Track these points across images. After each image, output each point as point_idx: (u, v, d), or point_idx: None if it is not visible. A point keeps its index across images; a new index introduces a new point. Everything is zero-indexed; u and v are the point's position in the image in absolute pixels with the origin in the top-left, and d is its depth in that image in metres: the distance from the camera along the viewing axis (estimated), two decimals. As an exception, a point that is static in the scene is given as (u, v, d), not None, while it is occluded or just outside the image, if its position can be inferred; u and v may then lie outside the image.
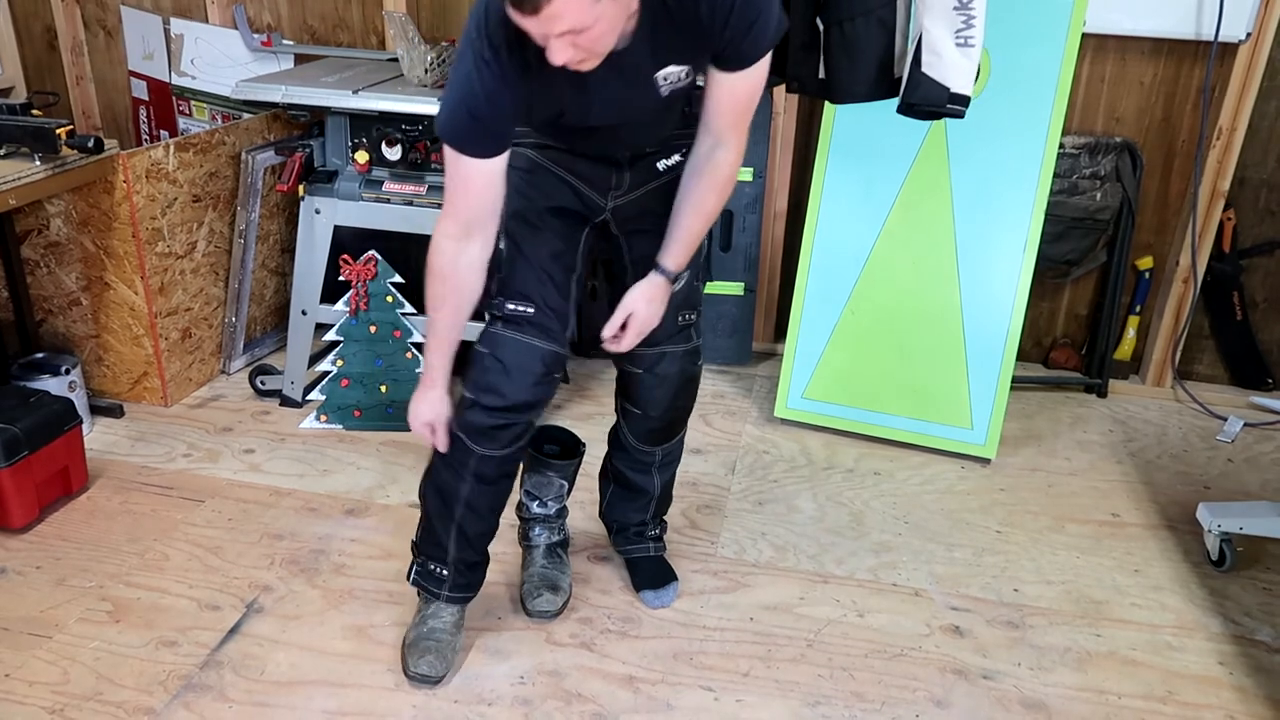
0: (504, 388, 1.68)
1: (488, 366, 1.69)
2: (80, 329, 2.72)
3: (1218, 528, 2.20)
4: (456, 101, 1.47)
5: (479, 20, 1.43)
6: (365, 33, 3.19)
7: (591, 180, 1.71)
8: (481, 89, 1.44)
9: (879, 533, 2.32)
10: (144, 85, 3.41)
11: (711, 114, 1.58)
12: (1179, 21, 2.68)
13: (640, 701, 1.81)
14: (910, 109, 2.09)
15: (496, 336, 1.70)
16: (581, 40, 1.32)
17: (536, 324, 1.69)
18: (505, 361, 1.68)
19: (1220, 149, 2.76)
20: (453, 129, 1.49)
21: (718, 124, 1.59)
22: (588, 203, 1.73)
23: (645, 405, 1.89)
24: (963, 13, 2.00)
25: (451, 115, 1.49)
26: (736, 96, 1.56)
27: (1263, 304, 2.99)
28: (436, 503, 1.80)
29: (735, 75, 1.53)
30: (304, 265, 2.66)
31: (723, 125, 1.59)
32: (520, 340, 1.69)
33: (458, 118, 1.48)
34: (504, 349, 1.69)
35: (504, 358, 1.68)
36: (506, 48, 1.41)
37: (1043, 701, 1.84)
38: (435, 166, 2.55)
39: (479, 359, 1.70)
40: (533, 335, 1.69)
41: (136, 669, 1.84)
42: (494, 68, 1.43)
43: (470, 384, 1.69)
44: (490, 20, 1.41)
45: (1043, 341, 3.17)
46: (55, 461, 2.27)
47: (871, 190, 2.64)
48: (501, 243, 1.66)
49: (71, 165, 2.34)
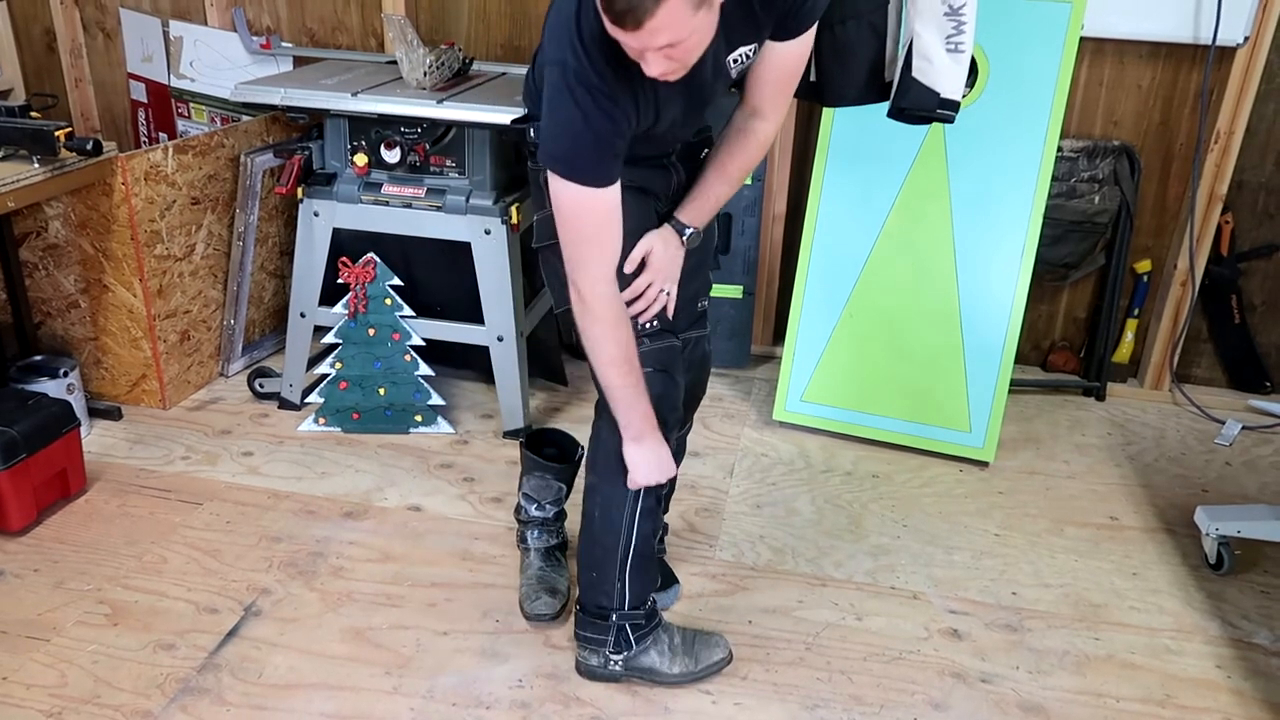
0: (673, 393, 1.71)
1: (654, 380, 1.67)
2: (79, 331, 2.72)
3: (1215, 531, 2.20)
4: (575, 137, 1.46)
5: (572, 44, 1.42)
6: (364, 35, 3.19)
7: (659, 191, 1.75)
8: (598, 112, 1.43)
9: (877, 536, 2.32)
10: (143, 88, 3.41)
11: (757, 84, 1.62)
12: (1177, 25, 2.68)
13: (638, 705, 1.81)
14: (900, 114, 2.10)
15: (645, 354, 1.67)
16: (677, 52, 1.34)
17: (665, 329, 1.72)
18: (666, 368, 1.69)
19: (1218, 152, 2.77)
20: (582, 163, 1.48)
21: (761, 94, 1.64)
22: (659, 213, 1.77)
23: None
24: (953, 19, 2.01)
25: (574, 150, 1.47)
26: (786, 64, 1.61)
27: (1261, 307, 2.99)
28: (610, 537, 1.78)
29: (787, 43, 1.57)
30: (303, 268, 2.66)
31: (766, 95, 1.64)
32: (666, 345, 1.71)
33: (582, 152, 1.47)
34: (657, 357, 1.69)
35: (663, 365, 1.69)
36: (610, 65, 1.42)
37: (1041, 705, 1.84)
38: (434, 169, 2.55)
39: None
40: (668, 339, 1.72)
41: (134, 672, 1.84)
42: (603, 88, 1.43)
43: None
44: (586, 41, 1.41)
45: (1041, 345, 3.17)
46: (53, 464, 2.26)
47: (870, 193, 2.64)
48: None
49: (70, 167, 2.34)
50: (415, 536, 2.26)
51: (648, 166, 1.71)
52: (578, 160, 1.48)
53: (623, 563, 1.78)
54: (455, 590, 2.09)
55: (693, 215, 1.74)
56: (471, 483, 2.47)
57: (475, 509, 2.37)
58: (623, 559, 1.77)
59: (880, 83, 2.08)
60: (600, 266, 1.55)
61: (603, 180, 1.49)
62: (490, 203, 2.51)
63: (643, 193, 1.71)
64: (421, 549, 2.21)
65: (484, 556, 2.20)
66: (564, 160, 1.48)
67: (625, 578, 1.78)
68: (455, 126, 2.51)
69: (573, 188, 1.49)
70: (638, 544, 1.77)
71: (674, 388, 1.72)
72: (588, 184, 1.49)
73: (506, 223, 2.50)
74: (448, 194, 2.53)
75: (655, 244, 1.72)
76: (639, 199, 1.70)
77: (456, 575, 2.13)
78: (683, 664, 1.83)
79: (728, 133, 1.71)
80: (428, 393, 2.66)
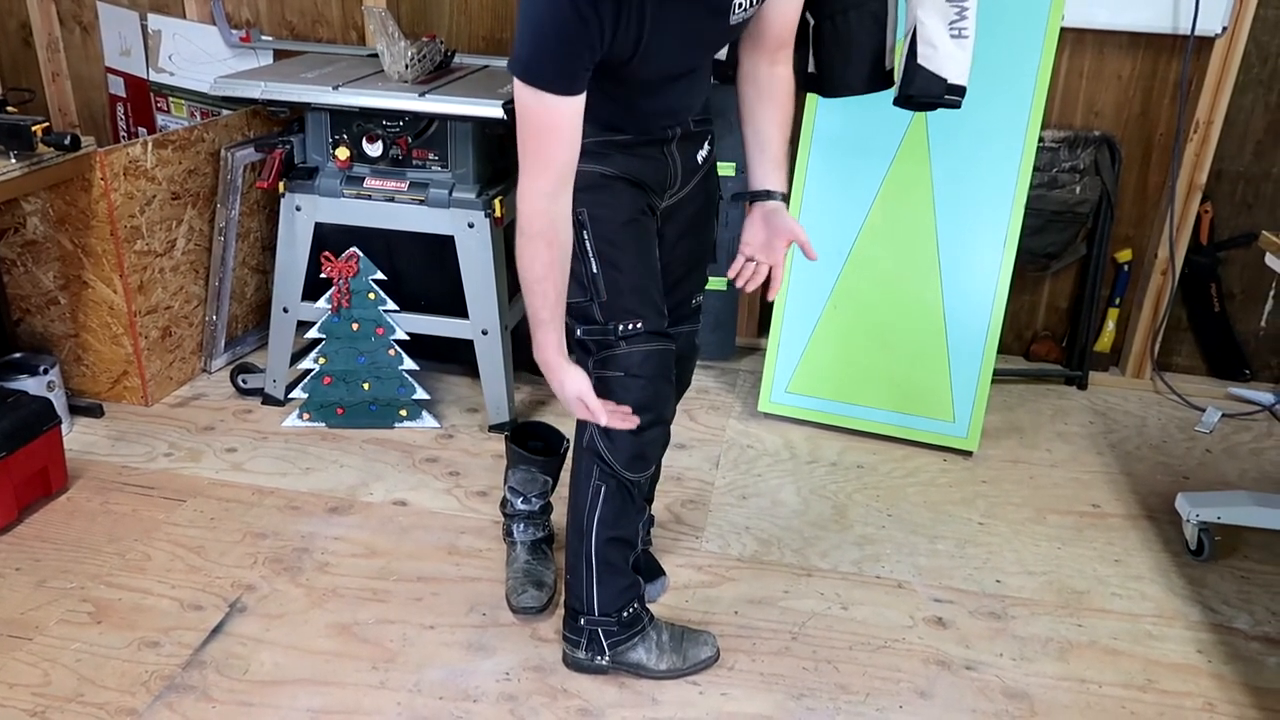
0: (654, 402, 1.67)
1: (630, 385, 1.64)
2: (59, 328, 2.69)
3: (1196, 517, 2.22)
4: (538, 36, 1.41)
5: None
6: (345, 28, 3.17)
7: (652, 183, 1.71)
8: (567, 13, 1.38)
9: (862, 526, 2.33)
10: (121, 82, 3.38)
11: (766, 34, 1.66)
12: (1156, 16, 2.70)
13: (625, 696, 1.81)
14: (907, 101, 2.11)
15: (624, 356, 1.64)
16: None
17: (652, 332, 1.66)
18: (645, 375, 1.65)
19: (1197, 142, 2.79)
20: (540, 66, 1.42)
21: (773, 43, 1.68)
22: (653, 206, 1.74)
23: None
24: (956, 4, 2.02)
25: (535, 51, 1.42)
26: (789, 13, 1.66)
27: (1240, 295, 3.02)
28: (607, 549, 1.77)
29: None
30: (285, 262, 2.65)
31: (777, 44, 1.68)
32: (650, 349, 1.66)
33: (544, 52, 1.42)
34: (641, 364, 1.65)
35: (644, 372, 1.65)
36: None
37: (1025, 691, 1.86)
38: (417, 163, 2.54)
39: (613, 383, 1.64)
40: (655, 342, 1.66)
41: (119, 670, 1.83)
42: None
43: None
44: None
45: (1023, 334, 3.19)
46: (34, 462, 2.25)
47: (853, 185, 2.64)
48: (595, 267, 1.63)
49: (48, 163, 2.31)
50: (401, 531, 2.25)
51: (645, 153, 1.67)
52: (541, 60, 1.42)
53: (588, 568, 1.78)
54: (441, 584, 2.09)
55: (781, 178, 1.75)
56: (457, 477, 2.47)
57: (461, 503, 2.36)
58: (588, 565, 1.78)
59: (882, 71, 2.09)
60: (540, 180, 1.49)
61: (561, 87, 1.43)
62: (473, 196, 2.51)
63: (635, 186, 1.68)
64: (407, 543, 2.21)
65: (470, 550, 2.19)
66: (528, 58, 1.43)
67: (594, 584, 1.78)
68: (438, 119, 2.49)
69: (529, 91, 1.44)
70: (598, 550, 1.76)
71: (645, 394, 1.65)
72: (544, 89, 1.43)
73: (490, 216, 2.49)
74: (430, 187, 2.52)
75: (793, 228, 1.72)
76: (631, 192, 1.67)
77: (442, 569, 2.13)
78: (670, 660, 1.84)
79: (758, 88, 1.71)
80: (412, 387, 2.65)
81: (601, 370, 1.66)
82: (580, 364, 1.65)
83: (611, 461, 1.69)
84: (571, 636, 1.84)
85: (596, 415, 1.61)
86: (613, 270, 1.64)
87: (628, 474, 1.71)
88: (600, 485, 1.72)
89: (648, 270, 1.70)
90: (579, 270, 1.62)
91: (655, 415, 1.69)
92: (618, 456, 1.69)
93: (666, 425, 1.74)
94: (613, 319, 1.64)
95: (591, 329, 1.65)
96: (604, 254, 1.64)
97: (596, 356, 1.66)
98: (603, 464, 1.70)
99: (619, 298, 1.64)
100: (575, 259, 1.61)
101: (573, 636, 1.84)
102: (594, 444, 1.70)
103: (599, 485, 1.72)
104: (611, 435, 1.67)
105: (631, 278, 1.66)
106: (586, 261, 1.63)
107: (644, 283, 1.68)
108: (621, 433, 1.66)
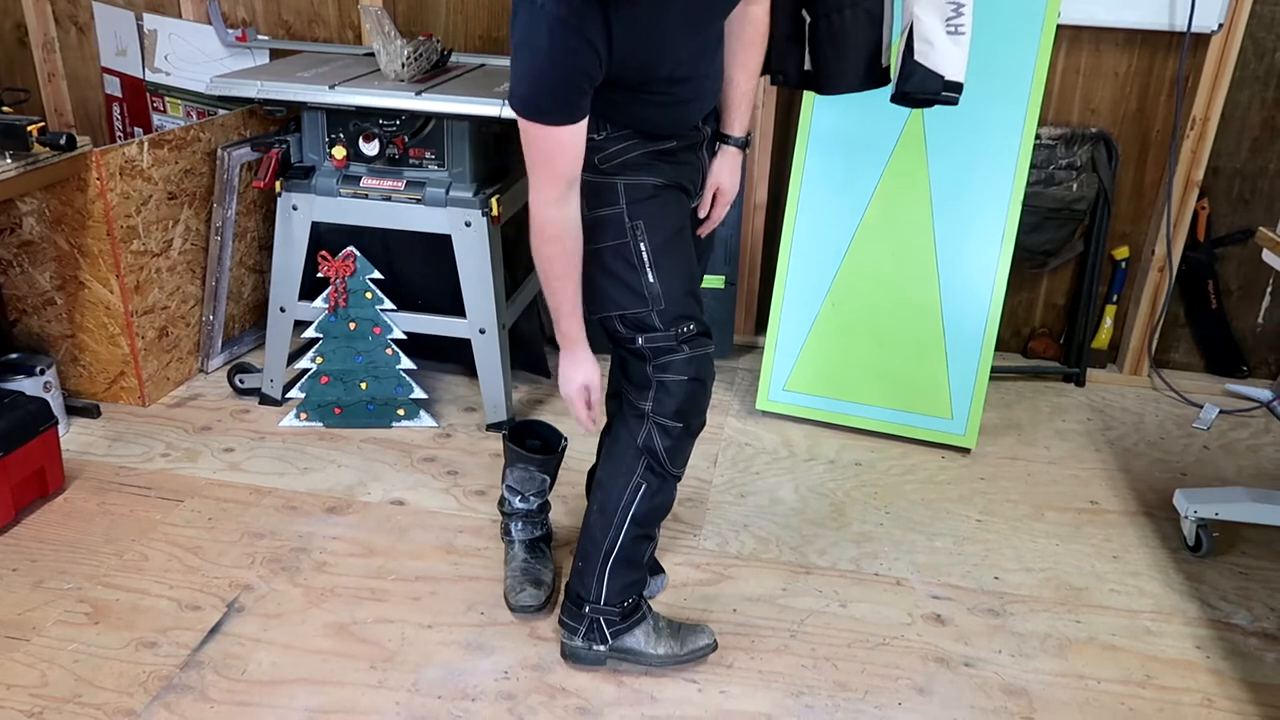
0: (705, 404, 1.74)
1: (692, 391, 1.69)
2: (55, 329, 2.69)
3: (1194, 514, 2.23)
4: (534, 70, 1.43)
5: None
6: (341, 27, 3.17)
7: (692, 189, 1.76)
8: (561, 47, 1.40)
9: (860, 523, 2.33)
10: (117, 82, 3.37)
11: None
12: (1152, 13, 2.70)
13: (624, 694, 1.81)
14: (904, 98, 2.11)
15: (684, 361, 1.68)
16: None
17: (704, 334, 1.71)
18: (701, 377, 1.70)
19: (1194, 139, 2.79)
20: (540, 101, 1.45)
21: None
22: (691, 211, 1.78)
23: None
24: (952, 1, 2.02)
25: (533, 88, 1.45)
26: None
27: (1237, 292, 3.02)
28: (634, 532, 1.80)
29: None
30: (282, 262, 2.64)
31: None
32: (704, 354, 1.71)
33: (542, 88, 1.44)
34: (700, 368, 1.69)
35: (701, 374, 1.70)
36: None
37: (1024, 688, 1.86)
38: (413, 162, 2.54)
39: (674, 387, 1.68)
40: (706, 344, 1.71)
41: (116, 670, 1.82)
42: (572, 20, 1.39)
43: (673, 413, 1.69)
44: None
45: (1021, 331, 3.19)
46: (31, 463, 2.24)
47: (850, 182, 2.64)
48: (651, 276, 1.66)
49: (44, 163, 2.31)
50: (399, 530, 2.25)
51: (685, 159, 1.72)
52: (535, 98, 1.45)
53: (605, 559, 1.79)
54: (439, 583, 2.08)
55: (742, 121, 1.79)
56: (455, 476, 2.47)
57: (459, 502, 2.36)
58: (606, 555, 1.79)
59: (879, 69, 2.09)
60: (552, 189, 1.54)
61: (562, 119, 1.47)
62: (470, 195, 2.50)
63: (681, 192, 1.72)
64: (405, 543, 2.21)
65: (468, 549, 2.19)
66: (529, 95, 1.46)
67: (606, 575, 1.80)
68: (434, 118, 2.49)
69: (531, 123, 1.47)
70: (624, 545, 1.78)
71: (702, 396, 1.72)
72: (545, 123, 1.47)
73: (487, 214, 2.49)
74: (427, 186, 2.52)
75: (723, 179, 1.79)
76: (679, 200, 1.72)
77: (440, 568, 2.13)
78: (668, 646, 1.84)
79: (733, 29, 1.72)
80: (410, 386, 2.65)
81: (661, 375, 1.69)
82: (637, 370, 1.70)
83: (665, 460, 1.73)
84: (570, 624, 1.84)
85: (593, 412, 1.72)
86: (667, 278, 1.67)
87: (674, 471, 1.76)
88: (642, 483, 1.75)
89: (693, 273, 1.76)
90: (635, 281, 1.65)
91: (703, 417, 1.76)
92: (671, 456, 1.73)
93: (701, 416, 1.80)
94: (671, 325, 1.67)
95: (653, 336, 1.67)
96: (659, 264, 1.67)
97: (655, 362, 1.69)
98: (656, 462, 1.73)
99: (675, 304, 1.68)
100: (630, 270, 1.65)
101: (571, 623, 1.84)
102: (650, 442, 1.72)
103: (640, 482, 1.75)
104: (670, 434, 1.71)
105: (683, 283, 1.70)
106: (644, 272, 1.65)
107: (692, 285, 1.74)
108: (678, 434, 1.71)
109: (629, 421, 1.74)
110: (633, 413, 1.73)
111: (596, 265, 1.66)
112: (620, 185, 1.65)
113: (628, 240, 1.65)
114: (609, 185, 1.64)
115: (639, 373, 1.71)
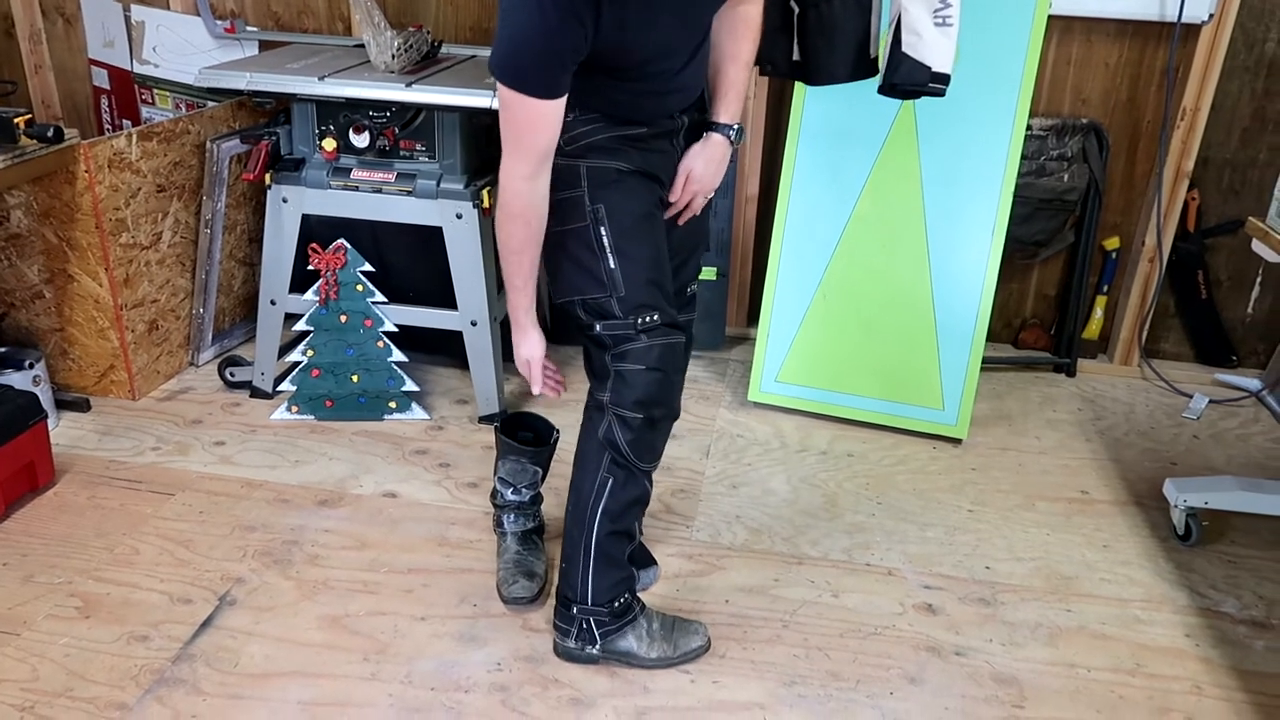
0: (668, 396, 1.71)
1: (649, 380, 1.65)
2: (44, 322, 2.68)
3: (1184, 503, 2.24)
4: (518, 40, 1.43)
5: None
6: (331, 19, 3.15)
7: (663, 177, 1.74)
8: (547, 23, 1.40)
9: (852, 514, 2.34)
10: (105, 73, 3.35)
11: None
12: (1143, 3, 2.70)
13: (617, 685, 1.81)
14: (892, 89, 2.11)
15: (642, 350, 1.65)
16: None
17: (667, 324, 1.68)
18: (662, 368, 1.66)
19: (1184, 129, 2.79)
20: (521, 71, 1.45)
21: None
22: (664, 199, 1.76)
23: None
24: None
25: (516, 56, 1.44)
26: None
27: (1226, 282, 3.03)
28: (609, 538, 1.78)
29: None
30: (272, 255, 2.63)
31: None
32: (666, 343, 1.67)
33: (525, 58, 1.44)
34: (658, 358, 1.66)
35: (661, 365, 1.66)
36: None
37: (1015, 676, 1.87)
38: (404, 153, 2.53)
39: (631, 377, 1.65)
40: (670, 335, 1.68)
41: (108, 664, 1.82)
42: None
43: (631, 404, 1.66)
44: None
45: (1012, 322, 3.20)
46: (20, 457, 2.23)
47: (841, 174, 2.64)
48: (612, 262, 1.64)
49: (31, 155, 2.29)
50: (391, 523, 2.25)
51: (657, 146, 1.70)
52: (517, 68, 1.45)
53: (585, 558, 1.78)
54: (432, 576, 2.08)
55: (730, 110, 1.77)
56: (447, 468, 2.47)
57: (451, 494, 2.36)
58: (585, 554, 1.78)
59: (867, 60, 2.09)
60: (525, 164, 1.54)
61: (541, 92, 1.47)
62: (461, 186, 2.50)
63: (649, 179, 1.70)
64: (397, 535, 2.21)
65: (460, 541, 2.19)
66: (510, 64, 1.46)
67: (589, 574, 1.79)
68: (425, 110, 2.48)
69: (510, 90, 1.47)
70: (600, 541, 1.76)
71: (663, 387, 1.68)
72: (524, 93, 1.46)
73: (478, 206, 2.49)
74: (418, 178, 2.51)
75: (695, 165, 1.76)
76: (645, 186, 1.69)
77: (433, 561, 2.13)
78: (661, 649, 1.84)
79: (724, 26, 1.72)
80: (401, 379, 2.64)
81: (619, 364, 1.66)
82: (597, 359, 1.69)
83: (627, 453, 1.70)
84: (562, 625, 1.84)
85: (533, 383, 1.78)
86: (629, 264, 1.65)
87: (641, 465, 1.73)
88: (608, 478, 1.73)
89: (660, 263, 1.72)
90: (594, 266, 1.63)
91: (668, 409, 1.72)
92: (634, 449, 1.70)
93: (676, 417, 1.77)
94: (631, 313, 1.65)
95: (611, 324, 1.65)
96: (620, 249, 1.65)
97: (614, 351, 1.67)
98: (619, 455, 1.71)
99: (636, 292, 1.65)
100: (590, 254, 1.63)
101: (564, 625, 1.84)
102: (611, 434, 1.69)
103: (606, 477, 1.73)
104: (630, 426, 1.68)
105: (647, 271, 1.67)
106: (604, 257, 1.64)
107: (658, 275, 1.70)
108: (638, 426, 1.68)
109: (592, 414, 1.73)
110: (593, 404, 1.72)
111: (560, 248, 1.65)
112: (583, 168, 1.64)
113: (588, 224, 1.63)
114: (572, 168, 1.63)
115: (599, 361, 1.69)
